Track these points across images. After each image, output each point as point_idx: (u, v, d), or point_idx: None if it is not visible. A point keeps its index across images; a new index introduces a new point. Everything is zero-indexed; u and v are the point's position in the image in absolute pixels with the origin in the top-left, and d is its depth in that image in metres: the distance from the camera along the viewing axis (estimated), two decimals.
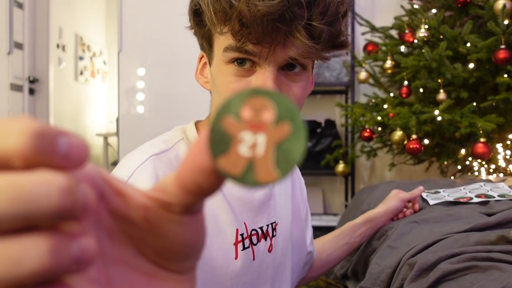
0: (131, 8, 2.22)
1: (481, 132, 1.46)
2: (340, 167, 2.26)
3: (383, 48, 2.02)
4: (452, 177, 1.94)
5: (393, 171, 2.55)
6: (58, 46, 3.59)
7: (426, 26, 1.68)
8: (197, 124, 0.70)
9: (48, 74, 3.33)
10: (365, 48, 2.26)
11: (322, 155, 2.38)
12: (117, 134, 2.24)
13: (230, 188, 0.66)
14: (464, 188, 1.22)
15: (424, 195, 1.23)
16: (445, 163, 1.89)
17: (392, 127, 1.71)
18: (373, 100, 2.09)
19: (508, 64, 1.44)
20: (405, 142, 1.64)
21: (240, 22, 0.52)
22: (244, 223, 0.67)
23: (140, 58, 2.24)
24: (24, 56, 3.14)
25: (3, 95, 2.33)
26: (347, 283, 1.28)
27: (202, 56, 0.66)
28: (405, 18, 2.05)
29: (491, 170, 1.78)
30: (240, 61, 0.56)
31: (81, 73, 4.05)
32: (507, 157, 1.72)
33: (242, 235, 0.66)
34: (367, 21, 2.14)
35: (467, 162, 1.86)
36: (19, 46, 3.04)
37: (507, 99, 1.51)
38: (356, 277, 1.15)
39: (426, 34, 1.68)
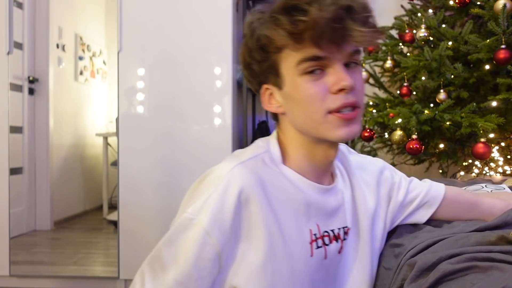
0: (131, 8, 2.21)
1: (481, 132, 1.46)
2: None
3: (383, 48, 2.02)
4: (452, 177, 1.94)
5: None
6: (58, 46, 3.59)
7: (426, 26, 1.68)
8: (278, 139, 0.78)
9: (48, 74, 3.33)
10: (365, 48, 2.26)
11: None
12: (117, 134, 2.23)
13: (308, 192, 0.73)
14: (465, 189, 1.22)
15: None
16: (445, 163, 1.88)
17: (392, 127, 1.71)
18: (373, 100, 2.09)
19: (508, 64, 1.44)
20: (405, 142, 1.64)
21: (312, 33, 0.63)
22: (317, 225, 0.74)
23: (140, 58, 2.24)
24: (24, 56, 3.14)
25: (3, 95, 2.33)
26: None
27: (266, 90, 0.75)
28: (405, 18, 2.04)
29: (491, 170, 1.78)
30: (313, 70, 0.67)
31: (81, 73, 4.05)
32: (508, 157, 1.72)
33: (315, 235, 0.74)
34: None
35: (467, 162, 1.86)
36: (19, 46, 3.04)
37: (507, 99, 1.51)
38: None
39: (426, 34, 1.68)
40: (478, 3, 1.61)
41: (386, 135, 1.94)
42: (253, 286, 0.67)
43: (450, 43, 1.63)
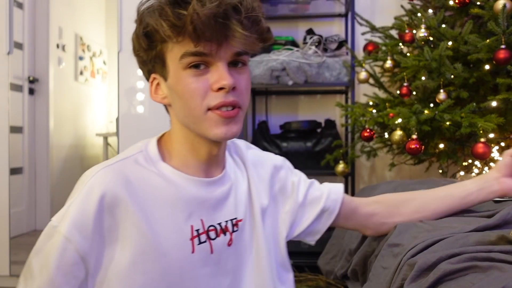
0: (131, 8, 2.21)
1: (481, 132, 1.45)
2: (340, 167, 2.26)
3: (383, 48, 2.02)
4: (452, 177, 1.94)
5: (393, 171, 2.55)
6: (58, 46, 3.59)
7: (426, 26, 1.68)
8: (160, 138, 0.79)
9: (48, 74, 3.33)
10: (365, 48, 2.26)
11: (322, 155, 2.38)
12: (117, 134, 2.23)
13: (186, 188, 0.73)
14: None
15: None
16: (445, 163, 1.89)
17: (392, 127, 1.71)
18: (373, 100, 2.09)
19: (508, 64, 1.44)
20: (405, 142, 1.64)
21: (193, 27, 0.63)
22: (201, 220, 0.74)
23: None
24: (24, 56, 3.14)
25: (3, 95, 2.33)
26: (347, 283, 1.28)
27: (154, 79, 0.75)
28: (405, 18, 2.04)
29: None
30: (196, 65, 0.67)
31: (81, 73, 4.05)
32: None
33: (197, 230, 0.73)
34: (367, 21, 2.14)
35: (467, 162, 1.86)
36: (19, 46, 3.04)
37: (507, 99, 1.51)
38: (356, 278, 1.15)
39: (426, 34, 1.68)
40: (478, 3, 1.61)
41: (386, 135, 1.94)
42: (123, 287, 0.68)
43: (450, 43, 1.63)
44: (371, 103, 2.07)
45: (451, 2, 1.75)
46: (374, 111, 1.93)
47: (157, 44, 0.69)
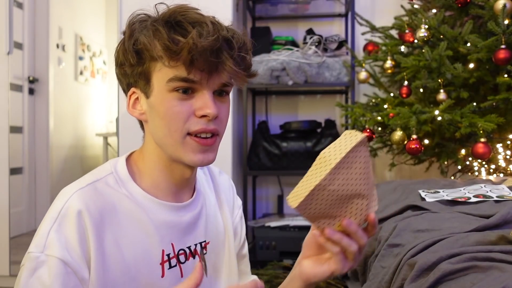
0: (131, 8, 2.21)
1: (481, 132, 1.45)
2: None
3: (383, 48, 2.02)
4: (452, 177, 1.94)
5: (393, 171, 2.55)
6: (58, 46, 3.59)
7: (426, 26, 1.68)
8: (129, 157, 0.78)
9: (48, 74, 3.33)
10: (365, 48, 2.26)
11: None
12: (117, 134, 2.23)
13: (157, 213, 0.72)
14: (464, 189, 1.22)
15: (423, 194, 1.24)
16: (445, 163, 1.89)
17: (392, 127, 1.71)
18: (373, 100, 2.09)
19: (508, 64, 1.44)
20: (405, 142, 1.64)
21: (190, 55, 0.64)
22: (172, 244, 0.74)
23: None
24: (24, 56, 3.14)
25: (3, 95, 2.33)
26: (347, 283, 1.28)
27: (133, 93, 0.73)
28: (405, 18, 2.04)
29: (491, 170, 1.78)
30: (183, 90, 0.68)
31: (81, 73, 4.05)
32: (507, 157, 1.72)
33: (168, 255, 0.73)
34: (367, 21, 2.14)
35: (467, 162, 1.86)
36: (19, 46, 3.04)
37: (507, 99, 1.51)
38: (356, 277, 1.15)
39: (426, 34, 1.68)
40: (478, 3, 1.61)
41: (386, 135, 1.94)
42: None
43: (450, 43, 1.63)
44: (371, 103, 2.07)
45: (451, 2, 1.75)
46: (374, 111, 1.93)
47: (145, 61, 0.69)
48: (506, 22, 1.44)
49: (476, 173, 1.83)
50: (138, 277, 0.70)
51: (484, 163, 1.78)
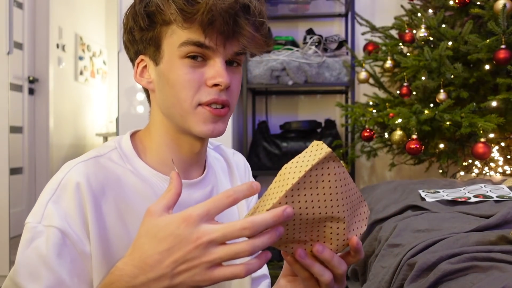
0: None
1: (481, 132, 1.45)
2: None
3: (383, 48, 2.02)
4: (452, 177, 1.94)
5: (393, 171, 2.55)
6: (58, 46, 3.59)
7: (426, 26, 1.68)
8: (134, 134, 0.74)
9: (48, 74, 3.33)
10: (365, 48, 2.26)
11: None
12: (117, 134, 2.24)
13: (163, 190, 0.67)
14: (464, 189, 1.22)
15: (423, 194, 1.24)
16: (445, 163, 1.89)
17: (392, 127, 1.71)
18: (373, 100, 2.09)
19: (508, 64, 1.44)
20: (405, 142, 1.64)
21: (207, 17, 0.61)
22: None
23: None
24: (24, 56, 3.14)
25: (3, 95, 2.33)
26: (347, 283, 1.28)
27: (141, 61, 0.70)
28: (405, 18, 2.04)
29: (491, 170, 1.78)
30: (193, 56, 0.64)
31: (81, 73, 4.05)
32: (507, 157, 1.72)
33: None
34: (367, 21, 2.14)
35: (467, 162, 1.86)
36: (19, 46, 3.04)
37: (507, 99, 1.51)
38: (356, 277, 1.15)
39: (426, 34, 1.68)
40: (478, 3, 1.61)
41: (386, 135, 1.94)
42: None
43: (450, 43, 1.63)
44: (371, 103, 2.07)
45: (451, 2, 1.75)
46: (374, 111, 1.93)
47: (156, 25, 0.65)
48: (506, 22, 1.44)
49: (476, 173, 1.83)
50: None
51: (484, 163, 1.78)
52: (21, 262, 0.59)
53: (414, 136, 1.59)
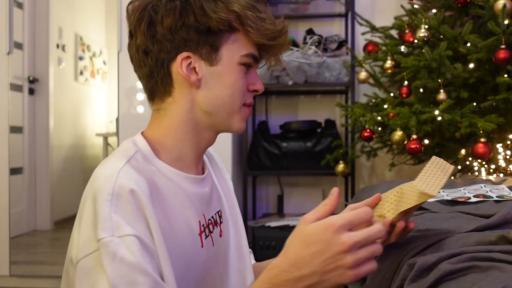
0: None
1: (481, 132, 1.45)
2: (340, 167, 2.26)
3: (383, 48, 2.02)
4: (452, 177, 1.94)
5: (393, 171, 2.55)
6: (58, 46, 3.59)
7: (426, 26, 1.68)
8: (145, 134, 0.77)
9: (48, 74, 3.33)
10: (365, 48, 2.26)
11: (322, 155, 2.38)
12: (117, 134, 2.23)
13: (186, 186, 0.74)
14: (464, 189, 1.22)
15: None
16: None
17: (392, 127, 1.71)
18: (373, 100, 2.09)
19: (508, 64, 1.44)
20: (405, 142, 1.64)
21: (278, 42, 0.74)
22: (203, 215, 0.77)
23: None
24: (24, 56, 3.14)
25: (3, 95, 2.33)
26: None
27: (187, 57, 0.72)
28: (405, 18, 2.04)
29: (491, 170, 1.78)
30: (247, 65, 0.75)
31: (81, 73, 4.05)
32: (507, 157, 1.72)
33: (203, 225, 0.76)
34: (367, 21, 2.14)
35: (467, 162, 1.86)
36: (19, 46, 3.04)
37: (507, 99, 1.51)
38: None
39: (426, 34, 1.68)
40: (478, 3, 1.61)
41: (386, 135, 1.94)
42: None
43: (450, 43, 1.63)
44: (371, 103, 2.07)
45: (451, 2, 1.75)
46: (374, 111, 1.93)
47: (220, 30, 0.71)
48: (506, 22, 1.44)
49: (476, 173, 1.83)
50: (187, 250, 0.71)
51: (484, 163, 1.78)
52: (114, 276, 0.59)
53: (414, 136, 1.59)
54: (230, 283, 0.82)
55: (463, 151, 1.78)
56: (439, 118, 1.57)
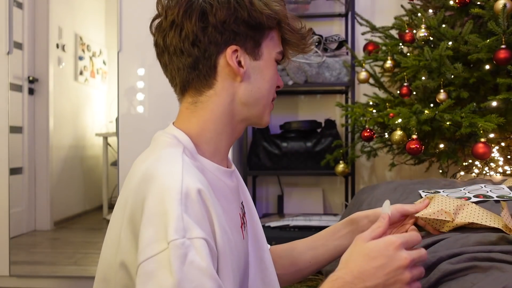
0: (131, 8, 2.21)
1: (481, 132, 1.45)
2: (340, 167, 2.26)
3: (383, 48, 2.02)
4: (452, 177, 1.94)
5: (393, 171, 2.55)
6: (57, 46, 3.59)
7: (426, 26, 1.68)
8: (181, 127, 0.74)
9: (48, 74, 3.33)
10: (365, 48, 2.26)
11: (322, 155, 2.38)
12: (117, 134, 2.23)
13: (225, 179, 0.75)
14: (464, 189, 1.22)
15: (423, 194, 1.23)
16: (445, 163, 1.88)
17: (392, 127, 1.71)
18: (373, 100, 2.09)
19: (508, 64, 1.44)
20: (405, 142, 1.64)
21: (306, 41, 0.82)
22: (240, 207, 0.80)
23: (140, 58, 2.24)
24: (23, 56, 3.13)
25: (3, 95, 2.33)
26: None
27: (235, 50, 0.74)
28: (405, 18, 2.04)
29: (491, 170, 1.78)
30: (278, 61, 0.81)
31: (81, 73, 4.04)
32: (507, 157, 1.72)
33: (242, 218, 0.79)
34: (367, 21, 2.14)
35: (467, 162, 1.86)
36: (18, 46, 3.04)
37: (507, 99, 1.51)
38: None
39: (426, 34, 1.68)
40: (478, 3, 1.61)
41: (386, 135, 1.94)
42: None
43: (450, 43, 1.63)
44: (371, 103, 2.07)
45: (451, 2, 1.75)
46: (374, 111, 1.93)
47: (263, 26, 0.74)
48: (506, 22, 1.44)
49: (476, 173, 1.83)
50: (237, 244, 0.72)
51: (484, 163, 1.78)
52: (183, 279, 0.57)
53: (414, 136, 1.59)
54: (251, 271, 0.84)
55: (463, 151, 1.78)
56: (439, 118, 1.57)
